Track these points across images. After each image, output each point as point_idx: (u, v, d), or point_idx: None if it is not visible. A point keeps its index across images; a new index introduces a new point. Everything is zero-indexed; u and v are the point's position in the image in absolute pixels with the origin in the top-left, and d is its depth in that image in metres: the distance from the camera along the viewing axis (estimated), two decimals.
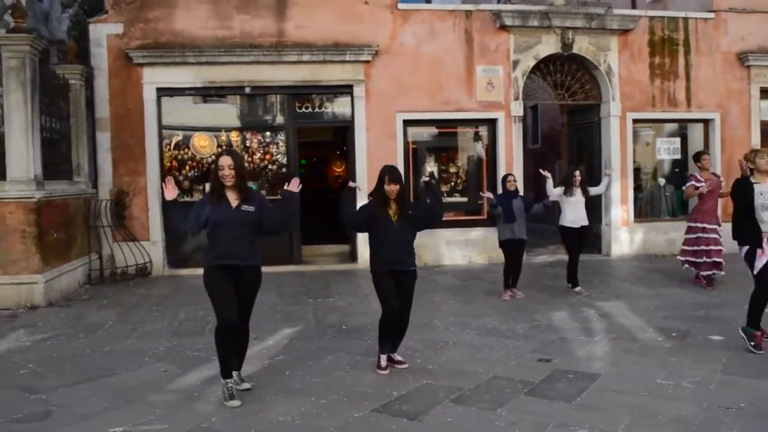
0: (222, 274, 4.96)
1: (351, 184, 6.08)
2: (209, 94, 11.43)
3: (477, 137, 12.02)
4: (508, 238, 8.63)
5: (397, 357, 5.80)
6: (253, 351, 6.19)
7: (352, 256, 11.56)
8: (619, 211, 12.12)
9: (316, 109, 11.56)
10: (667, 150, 12.56)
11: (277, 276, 10.14)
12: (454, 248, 11.57)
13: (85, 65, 10.70)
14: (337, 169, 17.44)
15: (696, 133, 12.89)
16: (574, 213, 8.80)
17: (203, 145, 11.31)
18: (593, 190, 9.24)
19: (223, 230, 4.92)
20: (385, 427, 4.42)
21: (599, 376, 5.32)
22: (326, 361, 5.96)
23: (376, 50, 11.24)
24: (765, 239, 5.89)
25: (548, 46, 11.75)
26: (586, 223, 8.94)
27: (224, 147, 11.26)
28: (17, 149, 8.44)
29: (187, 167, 11.27)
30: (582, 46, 11.85)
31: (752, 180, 6.06)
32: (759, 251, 5.88)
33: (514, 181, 8.80)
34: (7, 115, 8.47)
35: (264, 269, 5.33)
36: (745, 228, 6.01)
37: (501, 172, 11.58)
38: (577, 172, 8.93)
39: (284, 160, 11.43)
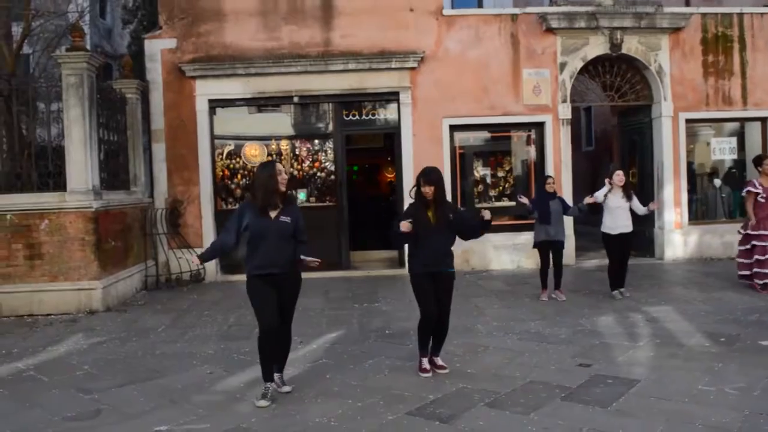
0: (262, 282, 5.11)
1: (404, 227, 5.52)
2: (259, 104, 11.74)
3: (525, 141, 11.94)
4: (543, 239, 8.61)
5: (439, 361, 5.85)
6: (296, 354, 6.36)
7: (401, 262, 11.61)
8: (673, 213, 11.84)
9: (363, 117, 11.70)
10: (722, 150, 12.20)
11: (326, 281, 10.31)
12: (503, 253, 11.52)
13: (140, 79, 11.14)
14: (389, 175, 17.55)
15: (754, 131, 12.48)
16: (611, 218, 8.59)
17: (254, 153, 11.60)
18: (635, 206, 8.69)
19: (263, 240, 5.07)
20: (417, 429, 4.48)
21: (638, 381, 5.24)
22: (367, 365, 6.05)
23: (421, 57, 11.31)
24: None
25: (596, 47, 11.59)
26: (626, 230, 8.60)
27: (274, 156, 11.53)
28: (77, 161, 8.85)
29: (239, 176, 11.58)
30: (631, 46, 11.65)
31: None
32: None
33: (552, 182, 8.74)
34: (67, 128, 8.90)
35: (312, 275, 5.50)
36: None
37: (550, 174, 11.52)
38: (619, 173, 8.58)
39: (332, 168, 11.61)
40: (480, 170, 12.04)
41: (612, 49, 11.57)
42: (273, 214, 5.11)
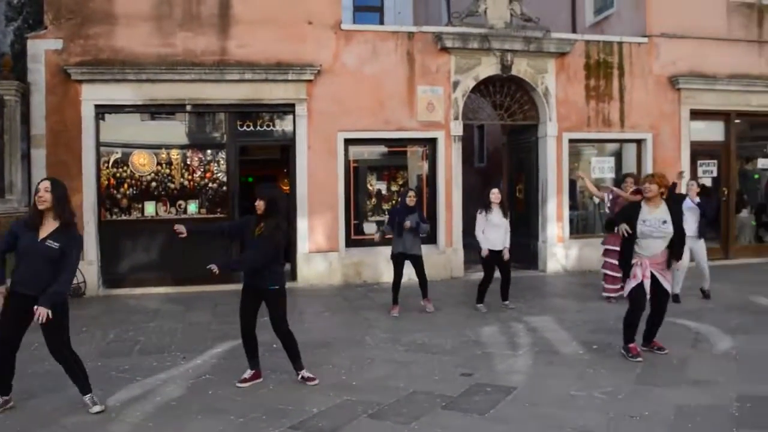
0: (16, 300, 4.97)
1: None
2: (150, 111, 11.38)
3: (419, 156, 12.18)
4: (400, 251, 8.87)
5: (306, 374, 5.84)
6: (178, 371, 6.20)
7: (293, 275, 11.55)
8: (555, 227, 12.41)
9: (259, 128, 11.57)
10: (602, 169, 12.90)
11: (216, 295, 10.09)
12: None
13: (21, 81, 10.55)
14: (285, 187, 17.41)
15: (630, 152, 13.30)
16: (491, 234, 8.89)
17: (143, 163, 11.22)
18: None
19: (23, 257, 4.94)
20: None
21: (515, 389, 5.45)
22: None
23: (318, 70, 11.33)
24: (638, 263, 6.11)
25: (488, 67, 12.01)
26: (500, 247, 8.88)
27: (164, 164, 11.21)
28: None
29: (126, 185, 11.15)
30: (521, 68, 12.16)
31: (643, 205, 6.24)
32: (631, 274, 6.15)
33: (414, 196, 8.98)
34: None
35: (202, 288, 5.37)
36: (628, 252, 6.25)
37: (441, 190, 11.82)
38: (494, 192, 8.95)
39: (225, 179, 11.40)
40: (374, 184, 12.17)
41: (503, 71, 12.03)
42: (43, 234, 4.96)
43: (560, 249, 12.47)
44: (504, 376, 5.84)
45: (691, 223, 9.45)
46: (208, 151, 11.50)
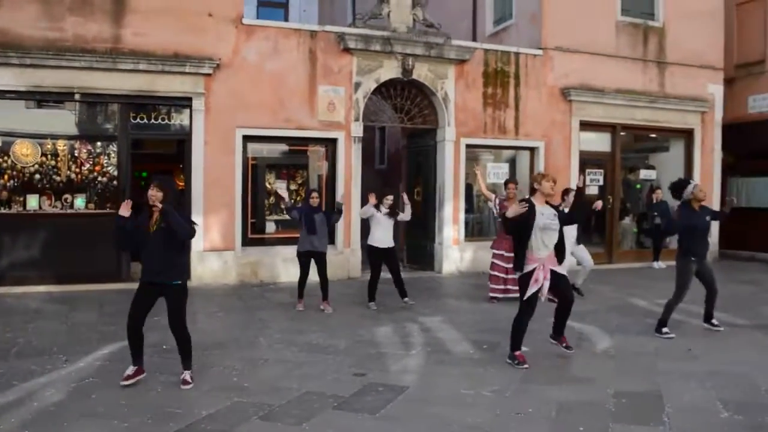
0: None
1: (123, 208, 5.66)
2: (35, 99, 10.75)
3: (319, 156, 12.15)
4: (308, 249, 8.96)
5: (187, 376, 5.68)
6: (59, 374, 5.90)
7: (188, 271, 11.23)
8: (451, 230, 12.72)
9: (153, 121, 11.17)
10: (496, 174, 13.30)
11: (101, 294, 9.67)
12: (291, 265, 11.50)
13: None
14: (181, 183, 16.91)
15: (524, 159, 13.83)
16: (379, 233, 9.14)
17: (25, 153, 10.59)
18: (401, 216, 9.38)
19: None
20: None
21: (407, 388, 5.54)
22: (138, 383, 5.74)
23: (217, 63, 11.09)
24: (539, 266, 6.12)
25: (390, 70, 12.16)
26: (390, 244, 9.17)
27: (49, 156, 10.63)
28: None
29: (6, 176, 10.49)
30: (421, 72, 12.38)
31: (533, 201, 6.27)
32: (532, 279, 6.12)
33: (317, 197, 9.11)
34: None
35: (87, 287, 5.11)
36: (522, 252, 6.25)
37: (340, 190, 11.83)
38: (390, 196, 9.25)
39: (116, 173, 10.95)
40: (273, 182, 12.03)
41: (404, 74, 12.21)
42: None
43: (455, 251, 12.79)
44: (396, 376, 5.93)
45: (570, 229, 10.00)
46: (98, 143, 11.00)
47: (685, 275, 7.63)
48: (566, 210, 10.00)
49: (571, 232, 10.16)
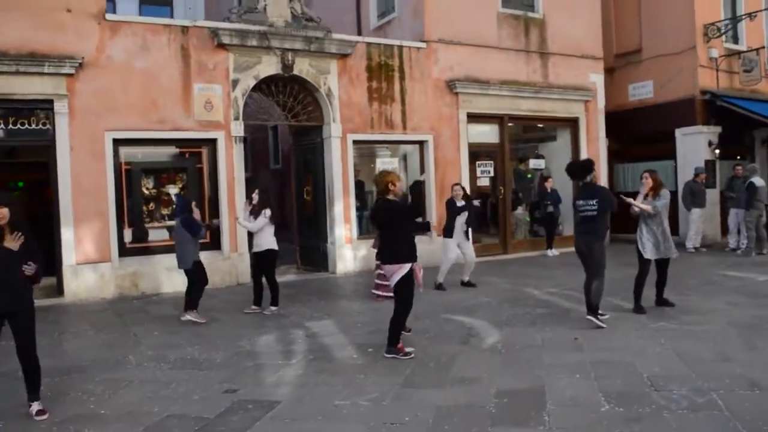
0: None
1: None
2: None
3: (198, 158, 11.51)
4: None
5: (35, 408, 5.05)
6: None
7: (59, 290, 10.40)
8: (343, 229, 12.39)
9: (12, 126, 10.21)
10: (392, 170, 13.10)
11: None
12: (175, 274, 10.72)
13: None
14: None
15: (415, 153, 13.69)
16: (257, 237, 8.92)
17: None
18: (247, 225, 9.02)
19: None
20: None
21: (279, 403, 5.14)
22: None
23: (80, 63, 10.26)
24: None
25: (269, 66, 11.67)
26: (260, 249, 8.85)
27: None
28: None
29: None
30: (303, 68, 11.96)
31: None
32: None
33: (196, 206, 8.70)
34: None
35: None
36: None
37: (223, 192, 11.29)
38: (254, 196, 8.95)
39: None
40: (150, 188, 11.32)
41: (284, 70, 11.75)
42: None
43: (349, 250, 12.46)
44: (270, 390, 5.52)
45: (458, 225, 10.03)
46: None
47: (604, 258, 7.63)
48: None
49: (458, 228, 10.15)
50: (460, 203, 10.12)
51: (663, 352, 6.24)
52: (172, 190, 11.46)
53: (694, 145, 15.33)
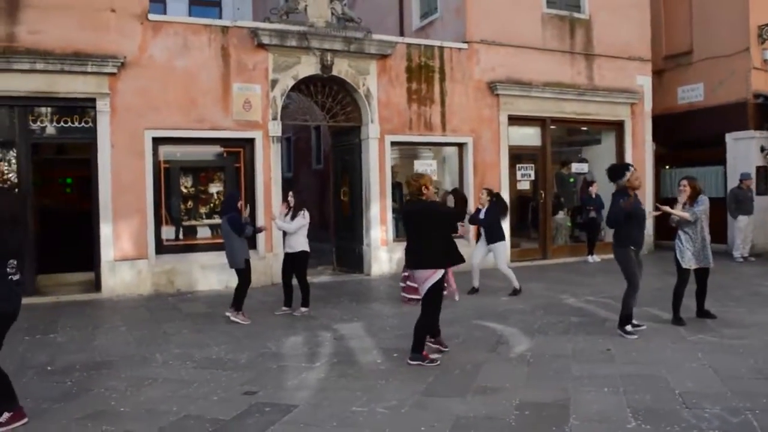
0: None
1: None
2: None
3: (235, 157, 11.58)
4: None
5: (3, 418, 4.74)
6: None
7: (96, 286, 10.59)
8: (379, 231, 12.30)
9: (55, 124, 10.47)
10: (426, 172, 12.94)
11: None
12: (210, 273, 10.98)
13: None
14: None
15: (454, 156, 13.52)
16: (287, 238, 8.93)
17: None
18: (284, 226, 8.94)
19: None
20: None
21: (296, 407, 5.08)
22: None
23: (122, 62, 10.43)
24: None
25: (308, 66, 11.67)
26: (293, 250, 8.82)
27: None
28: None
29: None
30: (342, 68, 11.93)
31: None
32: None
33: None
34: None
35: None
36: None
37: (260, 193, 11.33)
38: (290, 198, 9.00)
39: (16, 179, 10.20)
40: (188, 186, 11.44)
41: (323, 71, 11.73)
42: None
43: (384, 252, 12.37)
44: (290, 393, 5.46)
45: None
46: None
47: (629, 264, 7.36)
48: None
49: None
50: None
51: (699, 367, 5.96)
52: (214, 188, 11.57)
53: (746, 151, 14.74)
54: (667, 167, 16.63)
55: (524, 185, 14.24)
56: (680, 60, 16.20)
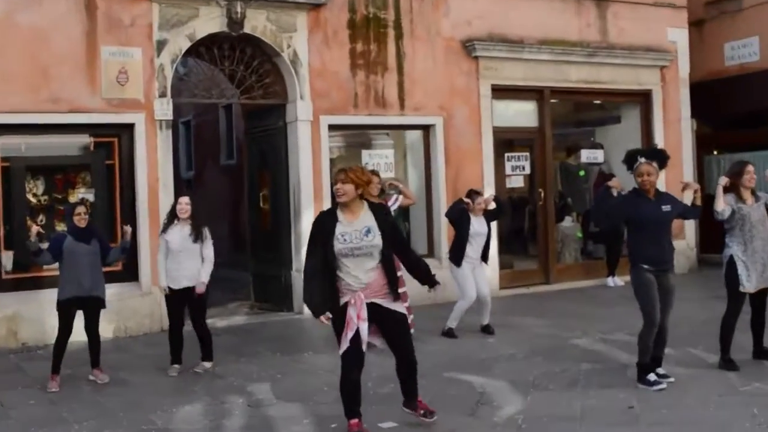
0: None
1: None
2: None
3: (107, 151, 11.47)
4: (74, 295, 8.53)
5: None
6: None
7: None
8: None
9: None
10: (375, 165, 12.90)
11: None
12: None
13: None
14: None
15: (417, 143, 13.58)
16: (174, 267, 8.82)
17: None
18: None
19: None
20: None
21: None
22: None
23: None
24: (351, 301, 6.09)
25: (209, 21, 11.68)
26: (187, 283, 8.73)
27: None
28: None
29: None
30: (257, 24, 11.94)
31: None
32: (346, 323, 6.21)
33: (85, 214, 8.54)
34: None
35: None
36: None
37: (142, 200, 11.24)
38: (181, 206, 8.85)
39: None
40: (39, 194, 11.30)
41: (231, 27, 11.72)
42: None
43: None
44: None
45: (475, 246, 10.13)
46: None
47: (641, 290, 7.44)
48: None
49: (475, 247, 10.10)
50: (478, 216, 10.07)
51: (754, 428, 6.05)
52: (77, 196, 11.43)
53: None
54: (714, 152, 16.96)
55: (517, 182, 14.41)
56: (726, 6, 16.60)
